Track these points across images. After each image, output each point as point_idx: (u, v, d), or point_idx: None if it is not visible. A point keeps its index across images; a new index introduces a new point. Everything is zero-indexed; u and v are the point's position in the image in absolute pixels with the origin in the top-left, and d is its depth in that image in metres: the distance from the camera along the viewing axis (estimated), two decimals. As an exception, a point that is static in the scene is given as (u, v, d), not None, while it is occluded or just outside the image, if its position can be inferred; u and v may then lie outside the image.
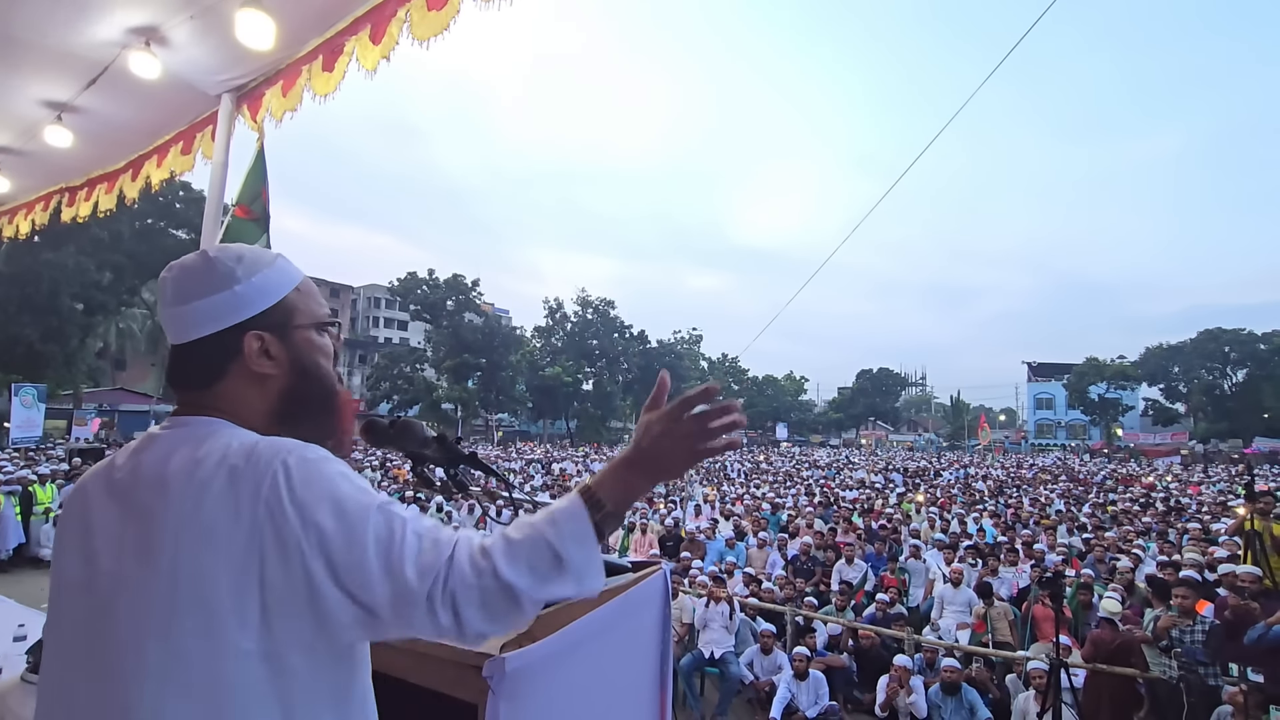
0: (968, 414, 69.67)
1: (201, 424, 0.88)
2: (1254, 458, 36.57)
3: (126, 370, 41.11)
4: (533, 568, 0.77)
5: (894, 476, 24.71)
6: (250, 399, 0.92)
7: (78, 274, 26.96)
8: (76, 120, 3.08)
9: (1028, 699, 4.95)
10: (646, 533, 10.37)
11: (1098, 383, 55.79)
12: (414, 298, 50.22)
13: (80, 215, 3.86)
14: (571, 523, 0.80)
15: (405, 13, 2.17)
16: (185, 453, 0.82)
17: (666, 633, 1.44)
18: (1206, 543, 8.94)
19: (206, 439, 0.84)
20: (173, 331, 0.91)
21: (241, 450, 0.80)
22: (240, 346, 0.89)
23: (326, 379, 0.97)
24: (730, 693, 5.76)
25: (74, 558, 0.84)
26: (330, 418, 0.98)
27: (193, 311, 0.89)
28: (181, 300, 0.90)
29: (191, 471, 0.80)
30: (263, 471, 0.78)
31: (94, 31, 2.45)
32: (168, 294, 0.91)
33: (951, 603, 7.03)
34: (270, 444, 0.82)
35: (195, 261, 0.92)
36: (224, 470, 0.78)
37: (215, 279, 0.90)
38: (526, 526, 0.80)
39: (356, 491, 0.80)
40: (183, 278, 0.91)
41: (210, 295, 0.89)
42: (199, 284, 0.90)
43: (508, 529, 0.81)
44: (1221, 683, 4.46)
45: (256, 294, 0.91)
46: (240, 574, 0.75)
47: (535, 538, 0.79)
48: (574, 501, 0.82)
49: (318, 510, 0.77)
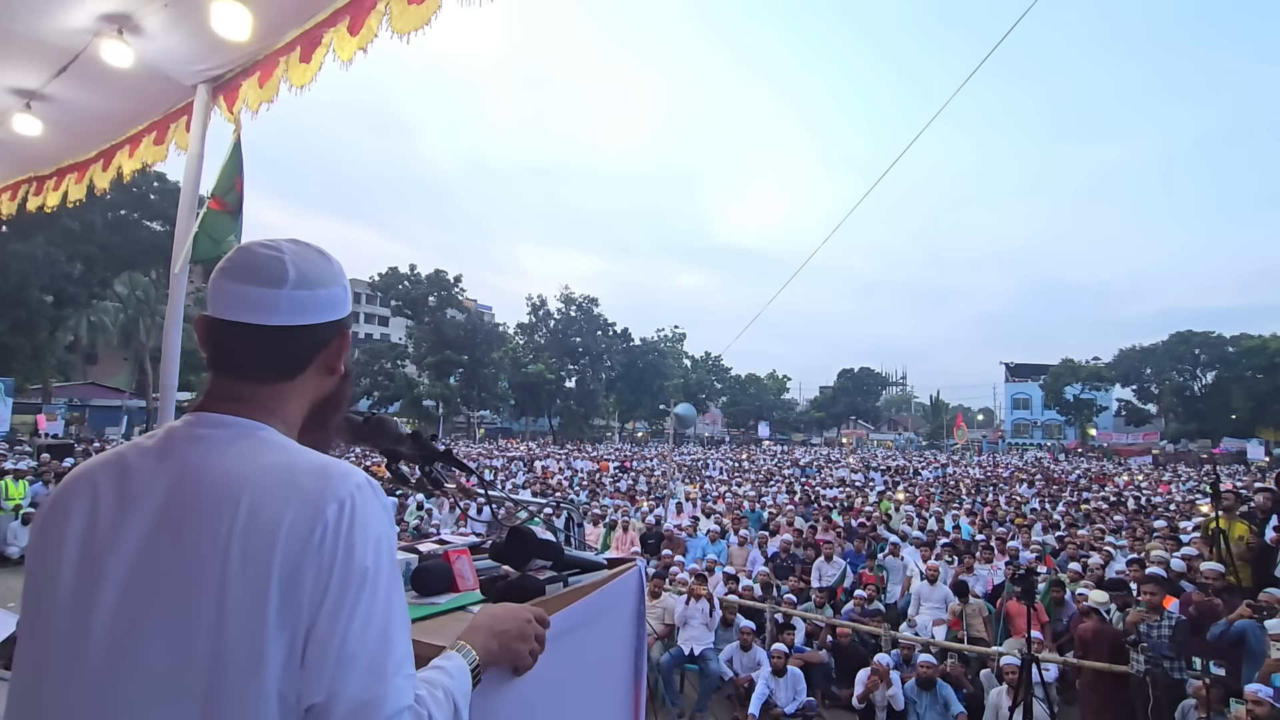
0: (947, 413, 70.60)
1: (250, 428, 0.82)
2: (1221, 458, 37.54)
3: (98, 364, 40.25)
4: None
5: (874, 475, 25.01)
6: (303, 398, 0.90)
7: (47, 265, 26.36)
8: (46, 109, 3.02)
9: (1000, 693, 5.05)
10: (628, 530, 10.40)
11: (1073, 383, 56.93)
12: (395, 293, 49.78)
13: (48, 205, 3.77)
14: (463, 680, 0.85)
15: (385, 5, 2.15)
16: (236, 459, 0.78)
17: (641, 628, 1.45)
18: (1174, 541, 9.17)
19: (262, 447, 0.80)
20: (284, 312, 0.84)
21: (310, 468, 0.77)
22: (331, 340, 0.90)
23: (351, 388, 1.01)
24: (710, 689, 5.81)
25: (70, 574, 0.75)
26: (338, 427, 1.01)
27: (318, 297, 0.87)
28: (308, 284, 0.86)
29: (249, 481, 0.75)
30: (331, 496, 0.74)
31: (65, 18, 2.39)
32: (288, 274, 0.84)
33: (928, 599, 7.14)
34: (343, 469, 0.78)
35: (307, 249, 0.90)
36: (290, 486, 0.74)
37: (334, 272, 0.90)
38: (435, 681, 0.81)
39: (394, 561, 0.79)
40: (304, 263, 0.87)
41: (334, 285, 0.89)
42: (324, 273, 0.88)
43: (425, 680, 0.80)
44: (1186, 676, 4.58)
45: (348, 296, 0.94)
46: (284, 602, 0.70)
47: (446, 693, 0.80)
48: (458, 661, 0.87)
49: (367, 558, 0.74)
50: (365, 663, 0.71)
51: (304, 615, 0.70)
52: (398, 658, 0.74)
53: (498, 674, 0.97)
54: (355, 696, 0.70)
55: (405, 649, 0.76)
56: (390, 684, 0.72)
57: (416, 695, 0.76)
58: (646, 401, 59.88)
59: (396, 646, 0.74)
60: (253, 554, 0.71)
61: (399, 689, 0.73)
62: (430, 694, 0.78)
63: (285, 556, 0.71)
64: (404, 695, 0.73)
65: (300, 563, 0.71)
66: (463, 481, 1.45)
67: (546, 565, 1.30)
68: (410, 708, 0.73)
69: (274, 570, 0.70)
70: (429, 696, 0.77)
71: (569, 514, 1.96)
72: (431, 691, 0.78)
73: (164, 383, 2.85)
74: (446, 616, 1.10)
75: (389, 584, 0.75)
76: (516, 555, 1.29)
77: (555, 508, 1.77)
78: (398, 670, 0.73)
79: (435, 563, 1.24)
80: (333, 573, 0.71)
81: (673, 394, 52.58)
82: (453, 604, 1.16)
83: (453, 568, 1.23)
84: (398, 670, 0.73)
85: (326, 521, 0.72)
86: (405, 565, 1.23)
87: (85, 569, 0.75)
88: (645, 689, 1.48)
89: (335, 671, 0.70)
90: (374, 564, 0.74)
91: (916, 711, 5.23)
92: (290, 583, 0.70)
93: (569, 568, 1.30)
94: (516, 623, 0.98)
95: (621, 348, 59.70)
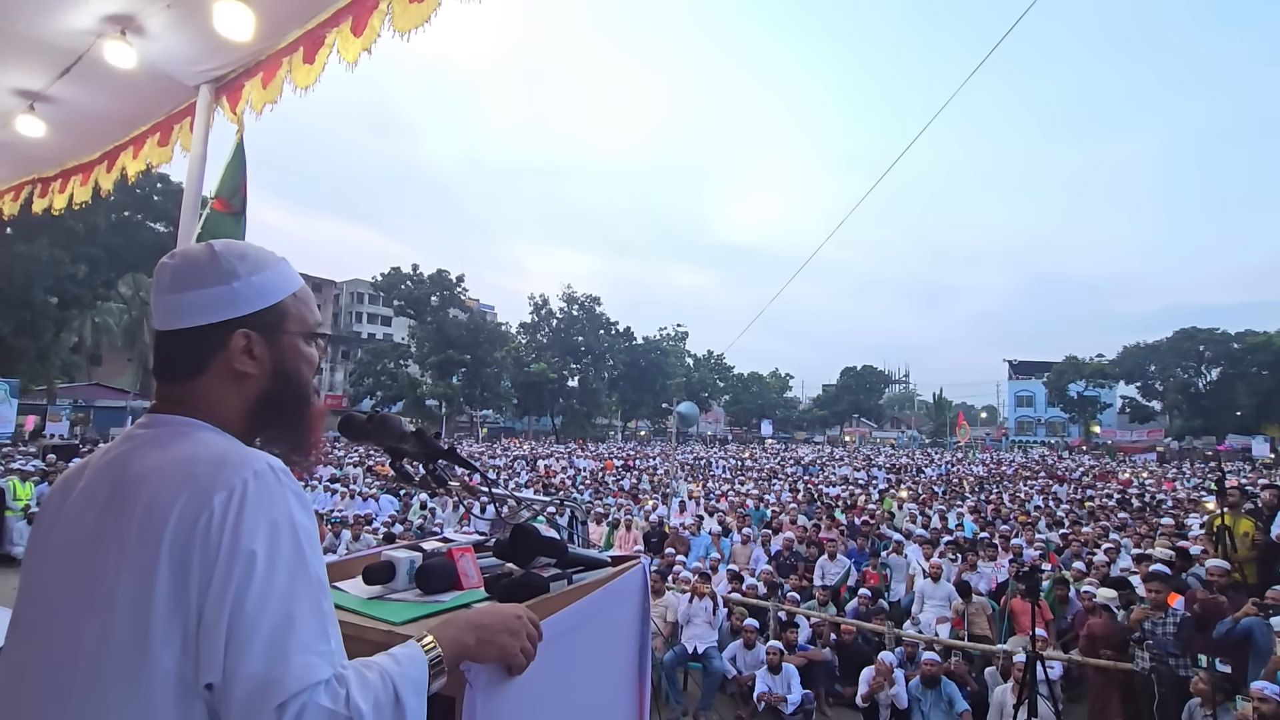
0: (950, 411, 70.54)
1: (177, 424, 0.88)
2: (1226, 455, 37.39)
3: (102, 365, 40.40)
4: (378, 705, 0.76)
5: (876, 473, 24.98)
6: (228, 398, 0.92)
7: (51, 267, 26.44)
8: (49, 110, 3.02)
9: (1005, 691, 5.04)
10: (631, 529, 10.41)
11: (1076, 381, 56.75)
12: (398, 293, 49.83)
13: (54, 207, 3.78)
14: (413, 668, 0.82)
15: (387, 4, 2.15)
16: (152, 456, 0.82)
17: (645, 626, 1.45)
18: (1179, 538, 9.15)
19: (177, 441, 0.84)
20: (162, 318, 0.91)
21: (209, 458, 0.80)
22: (226, 342, 0.90)
23: (304, 387, 0.98)
24: (713, 687, 5.80)
25: (41, 558, 0.85)
26: (302, 428, 0.98)
27: (186, 301, 0.89)
28: (177, 289, 0.90)
29: (151, 476, 0.79)
30: (220, 484, 0.77)
31: (68, 19, 2.39)
32: (165, 280, 0.91)
33: (931, 597, 7.13)
34: (240, 457, 0.81)
35: (199, 253, 0.92)
36: (183, 478, 0.78)
37: (215, 273, 0.90)
38: (374, 665, 0.80)
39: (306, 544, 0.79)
40: (183, 266, 0.91)
41: (206, 288, 0.90)
42: (198, 275, 0.90)
43: (358, 665, 0.79)
44: (1192, 674, 4.56)
45: (253, 293, 0.92)
46: (174, 588, 0.73)
47: (383, 677, 0.79)
48: (414, 648, 0.86)
49: (254, 541, 0.75)
50: (263, 643, 0.72)
51: (193, 599, 0.73)
52: (304, 637, 0.75)
53: (496, 674, 0.97)
54: (254, 675, 0.71)
55: (315, 629, 0.76)
56: (293, 662, 0.73)
57: (338, 674, 0.76)
58: (649, 400, 59.92)
59: (300, 626, 0.75)
60: (144, 543, 0.75)
61: (306, 666, 0.73)
62: (358, 674, 0.78)
63: (173, 544, 0.74)
64: (312, 672, 0.73)
65: (188, 549, 0.74)
66: (466, 480, 1.46)
67: (551, 563, 1.30)
68: (326, 683, 0.74)
69: (161, 557, 0.74)
70: (354, 676, 0.77)
71: (572, 512, 1.96)
72: (361, 673, 0.78)
73: (168, 383, 2.85)
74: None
75: (290, 566, 0.76)
76: (521, 553, 1.29)
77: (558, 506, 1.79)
78: (304, 649, 0.74)
79: (439, 561, 1.25)
80: (218, 557, 0.74)
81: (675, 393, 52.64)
82: (456, 602, 1.16)
83: (457, 566, 1.23)
84: (304, 649, 0.74)
85: (213, 509, 0.75)
86: (410, 563, 1.24)
87: (36, 562, 0.84)
88: (650, 687, 1.48)
89: (229, 652, 0.72)
90: (267, 547, 0.75)
91: (921, 710, 5.22)
92: (180, 569, 0.74)
93: (573, 565, 1.30)
94: (500, 618, 0.97)
95: (624, 346, 59.70)
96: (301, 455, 0.99)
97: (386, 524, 10.18)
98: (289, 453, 0.97)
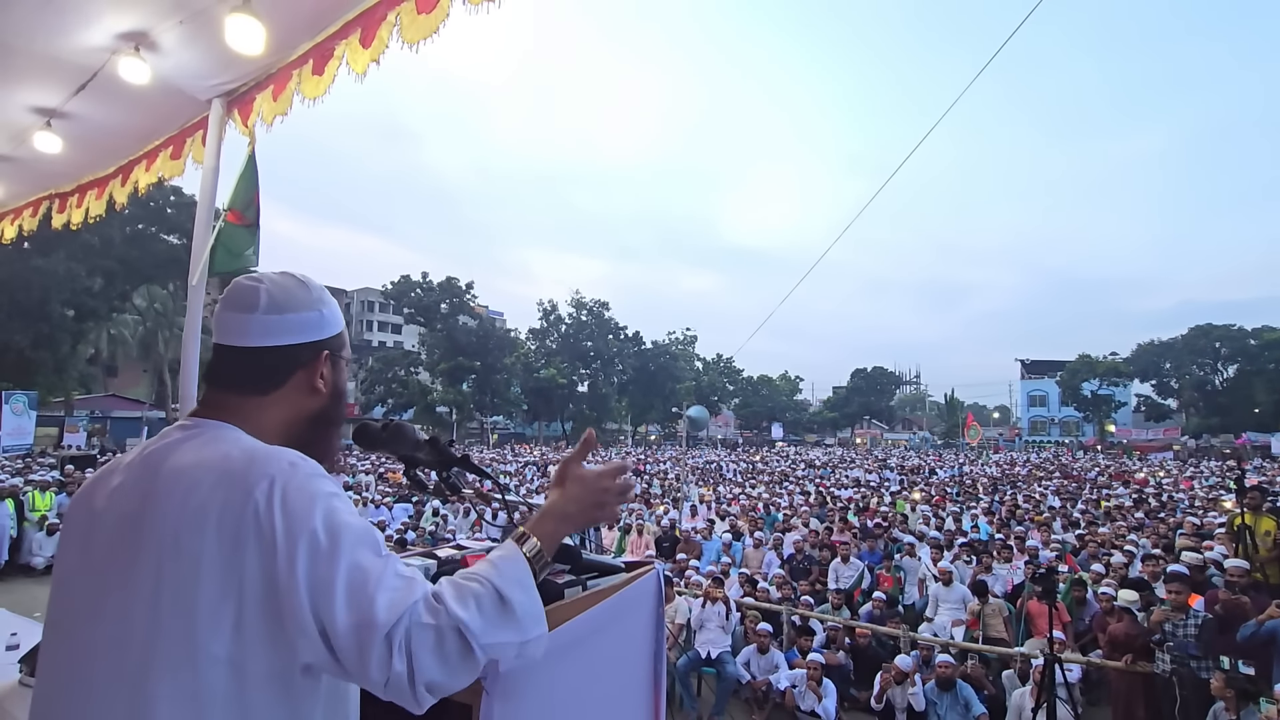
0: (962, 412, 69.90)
1: (213, 428, 0.92)
2: (1244, 451, 36.83)
3: (118, 376, 40.83)
4: (481, 609, 0.80)
5: (889, 475, 24.79)
6: (286, 412, 0.98)
7: (68, 280, 26.78)
8: (66, 126, 3.07)
9: (1023, 694, 4.98)
10: (643, 534, 10.38)
11: (1090, 379, 56.06)
12: (407, 301, 50.10)
13: (72, 221, 3.84)
14: (511, 566, 0.86)
15: (395, 16, 2.17)
16: (188, 454, 0.85)
17: (660, 632, 1.45)
18: (1199, 538, 9.01)
19: (213, 442, 0.87)
20: (255, 334, 0.96)
21: (243, 454, 0.84)
22: (311, 361, 1.00)
23: (345, 407, 1.08)
24: (727, 692, 5.77)
25: (74, 556, 0.87)
26: (336, 442, 1.08)
27: (286, 321, 0.98)
28: (277, 310, 0.97)
29: (188, 472, 0.82)
30: (259, 475, 0.80)
31: (83, 37, 2.44)
32: (257, 300, 0.97)
33: (946, 600, 7.06)
34: (271, 451, 0.86)
35: (290, 280, 1.01)
36: (220, 472, 0.81)
37: (309, 299, 1.01)
38: (470, 573, 0.85)
39: (349, 513, 0.83)
40: (278, 291, 0.99)
41: (307, 311, 1.00)
42: (297, 300, 1.00)
43: (453, 576, 0.84)
44: (1214, 677, 4.49)
45: (333, 320, 1.04)
46: (223, 577, 0.77)
47: (480, 580, 0.83)
48: (510, 547, 0.90)
49: (308, 518, 0.79)
50: (344, 599, 0.76)
51: (249, 587, 0.77)
52: (378, 577, 0.78)
53: (519, 675, 0.97)
54: (350, 625, 0.75)
55: (385, 568, 0.80)
56: (379, 600, 0.76)
57: (431, 592, 0.80)
58: (659, 404, 59.83)
59: (371, 571, 0.79)
60: (186, 537, 0.78)
61: (392, 602, 0.77)
62: (454, 586, 0.82)
63: (220, 537, 0.77)
64: (402, 600, 0.77)
65: (239, 540, 0.77)
66: (479, 486, 1.46)
67: (565, 569, 1.30)
68: (422, 601, 0.78)
69: (206, 550, 0.77)
70: (449, 589, 0.81)
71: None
72: (458, 584, 0.82)
73: (183, 393, 2.88)
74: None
75: (343, 530, 0.80)
76: (534, 559, 1.29)
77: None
78: (381, 586, 0.78)
79: (454, 568, 1.25)
80: (276, 543, 0.77)
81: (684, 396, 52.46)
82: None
83: (471, 572, 1.23)
84: (381, 586, 0.78)
85: (257, 499, 0.78)
86: (425, 570, 1.24)
87: (84, 558, 0.86)
88: (665, 692, 1.48)
89: (321, 618, 0.76)
90: (322, 521, 0.79)
91: (937, 713, 5.17)
92: (230, 559, 0.77)
93: (587, 571, 1.30)
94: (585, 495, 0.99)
95: (633, 351, 59.71)
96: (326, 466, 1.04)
97: (399, 531, 10.22)
98: (322, 463, 1.02)
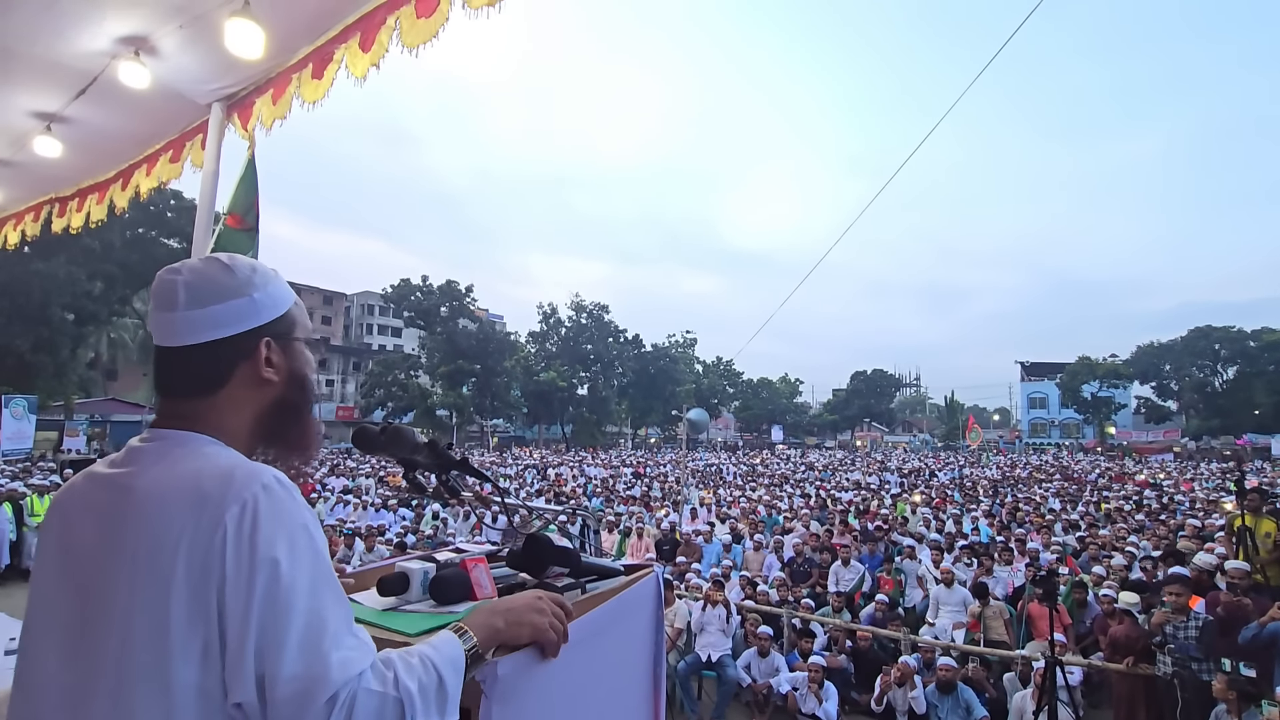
0: (962, 414, 69.87)
1: (181, 439, 0.87)
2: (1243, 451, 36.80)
3: (118, 380, 40.82)
4: (422, 686, 0.78)
5: (889, 477, 24.77)
6: (244, 407, 0.93)
7: (69, 284, 26.79)
8: (66, 130, 3.08)
9: (1024, 697, 4.97)
10: (643, 537, 10.38)
11: (1090, 381, 56.10)
12: (407, 304, 50.15)
13: (72, 226, 3.84)
14: (450, 650, 0.85)
15: (395, 20, 2.18)
16: (161, 472, 0.82)
17: (659, 635, 1.45)
18: (1200, 539, 9.01)
19: (185, 458, 0.84)
20: (181, 333, 0.89)
21: (217, 473, 0.80)
22: (252, 352, 0.91)
23: (312, 391, 1.00)
24: (727, 695, 5.76)
25: (50, 570, 0.84)
26: (309, 431, 1.00)
27: (210, 315, 0.89)
28: (198, 303, 0.89)
29: (159, 494, 0.79)
30: (231, 500, 0.77)
31: (83, 41, 2.44)
32: (177, 296, 0.89)
33: (946, 602, 7.05)
34: (248, 471, 0.81)
35: (213, 267, 0.92)
36: (194, 496, 0.78)
37: (235, 285, 0.91)
38: (413, 651, 0.82)
39: (317, 547, 0.80)
40: (198, 281, 0.90)
41: (231, 299, 0.90)
42: (219, 289, 0.91)
43: (398, 651, 0.82)
44: (1215, 679, 4.48)
45: (270, 303, 0.94)
46: (191, 603, 0.74)
47: (423, 659, 0.81)
48: (448, 635, 0.89)
49: (272, 548, 0.75)
50: (296, 645, 0.73)
51: (214, 614, 0.74)
52: (335, 633, 0.76)
53: (518, 679, 0.97)
54: (296, 675, 0.72)
55: (343, 624, 0.78)
56: (332, 657, 0.74)
57: (382, 658, 0.78)
58: (658, 407, 59.83)
59: (332, 623, 0.76)
60: (156, 561, 0.75)
61: (345, 660, 0.75)
62: (402, 657, 0.80)
63: (190, 561, 0.74)
64: (354, 663, 0.75)
65: (207, 565, 0.74)
66: (479, 489, 1.46)
67: (564, 572, 1.30)
68: (371, 668, 0.76)
69: (176, 575, 0.74)
70: (399, 659, 0.79)
71: (584, 521, 1.96)
72: (404, 657, 0.80)
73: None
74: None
75: (311, 569, 0.77)
76: (534, 562, 1.29)
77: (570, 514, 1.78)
78: (337, 645, 0.75)
79: (453, 571, 1.25)
80: (239, 570, 0.74)
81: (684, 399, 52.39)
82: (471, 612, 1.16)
83: (470, 576, 1.23)
84: (337, 645, 0.75)
85: (226, 525, 0.75)
86: (423, 574, 1.24)
87: (60, 573, 0.83)
88: (665, 695, 1.47)
89: (265, 660, 0.72)
90: (287, 554, 0.76)
91: (938, 715, 5.16)
92: (199, 585, 0.74)
93: (586, 574, 1.30)
94: (523, 600, 1.00)
95: (633, 354, 59.75)
96: (304, 456, 1.01)
97: (399, 534, 10.21)
98: (292, 453, 0.99)
